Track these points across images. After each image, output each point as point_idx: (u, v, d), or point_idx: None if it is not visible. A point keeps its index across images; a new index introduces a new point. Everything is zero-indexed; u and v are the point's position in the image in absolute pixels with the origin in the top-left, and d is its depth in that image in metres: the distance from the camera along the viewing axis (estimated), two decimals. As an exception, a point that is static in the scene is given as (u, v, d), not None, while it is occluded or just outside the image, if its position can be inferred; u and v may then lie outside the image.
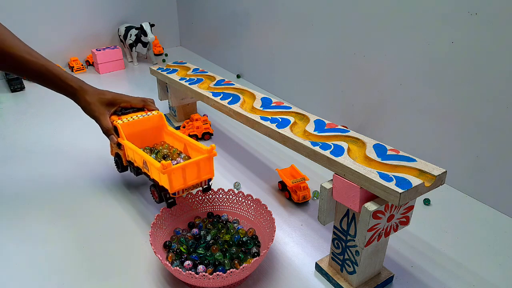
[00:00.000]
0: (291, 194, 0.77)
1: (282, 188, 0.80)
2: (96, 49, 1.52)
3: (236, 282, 0.56)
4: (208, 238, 0.64)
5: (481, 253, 0.65)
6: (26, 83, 1.41)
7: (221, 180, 0.85)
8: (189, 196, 0.69)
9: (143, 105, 0.81)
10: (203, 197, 0.70)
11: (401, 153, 0.53)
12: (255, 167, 0.90)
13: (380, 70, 0.89)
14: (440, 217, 0.73)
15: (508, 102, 0.68)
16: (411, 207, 0.51)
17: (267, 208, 0.65)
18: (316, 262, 0.62)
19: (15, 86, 1.34)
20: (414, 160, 0.50)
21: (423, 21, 0.77)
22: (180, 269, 0.52)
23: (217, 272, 0.53)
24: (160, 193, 0.67)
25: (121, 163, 0.79)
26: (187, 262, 0.58)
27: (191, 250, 0.61)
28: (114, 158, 0.82)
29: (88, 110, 0.75)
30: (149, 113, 0.80)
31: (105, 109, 0.76)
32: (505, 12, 0.64)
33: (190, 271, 0.53)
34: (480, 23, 0.68)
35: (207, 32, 1.62)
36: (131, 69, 1.58)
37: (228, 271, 0.52)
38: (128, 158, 0.76)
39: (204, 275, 0.52)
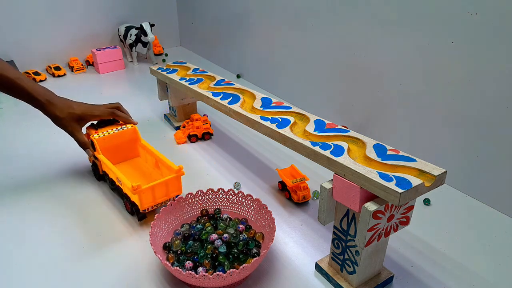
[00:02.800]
0: (291, 194, 0.77)
1: (282, 188, 0.80)
2: (96, 49, 1.52)
3: (236, 282, 0.56)
4: (206, 236, 0.64)
5: (481, 253, 0.65)
6: (26, 83, 1.41)
7: (221, 180, 0.85)
8: (189, 196, 0.69)
9: (113, 117, 0.82)
10: (203, 197, 0.70)
11: (401, 153, 0.53)
12: (255, 167, 0.89)
13: (380, 70, 0.89)
14: (440, 217, 0.73)
15: (508, 103, 0.68)
16: (411, 207, 0.51)
17: (267, 208, 0.65)
18: (316, 262, 0.62)
19: (15, 86, 1.34)
20: (414, 160, 0.50)
21: (423, 21, 0.77)
22: (180, 269, 0.52)
23: (217, 272, 0.53)
24: (131, 207, 0.72)
25: (98, 172, 0.83)
26: (187, 262, 0.58)
27: (189, 251, 0.61)
28: (92, 165, 0.85)
29: (59, 124, 0.77)
30: (124, 126, 0.83)
31: (77, 124, 0.77)
32: (505, 12, 0.64)
33: (190, 271, 0.53)
34: (480, 23, 0.68)
35: (207, 32, 1.62)
36: (131, 69, 1.58)
37: (228, 271, 0.52)
38: (103, 169, 0.81)
39: (204, 275, 0.52)
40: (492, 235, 0.69)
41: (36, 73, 1.45)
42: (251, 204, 0.69)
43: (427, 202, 0.76)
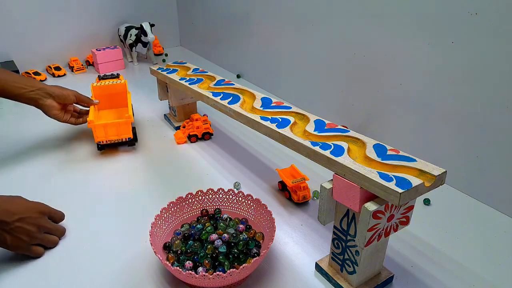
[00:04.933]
0: (291, 194, 0.77)
1: (282, 188, 0.80)
2: (96, 49, 1.52)
3: (236, 282, 0.56)
4: (206, 236, 0.64)
5: (481, 253, 0.65)
6: (26, 83, 1.41)
7: (221, 180, 0.85)
8: (189, 196, 0.69)
9: (76, 100, 0.96)
10: (203, 197, 0.70)
11: (401, 153, 0.53)
12: (255, 167, 0.90)
13: (380, 70, 0.89)
14: (440, 217, 0.73)
15: (508, 102, 0.68)
16: (411, 207, 0.51)
17: (267, 208, 0.65)
18: (316, 262, 0.62)
19: (15, 86, 1.34)
20: (414, 160, 0.50)
21: (423, 21, 0.77)
22: (180, 269, 0.52)
23: (217, 272, 0.53)
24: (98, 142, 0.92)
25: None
26: (187, 262, 0.58)
27: (189, 250, 0.61)
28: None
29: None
30: (118, 81, 1.06)
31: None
32: (505, 12, 0.64)
33: (190, 271, 0.53)
34: (480, 23, 0.68)
35: (207, 32, 1.62)
36: (131, 69, 1.58)
37: (228, 271, 0.52)
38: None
39: (204, 275, 0.52)
40: (492, 235, 0.69)
41: (36, 73, 1.45)
42: (251, 204, 0.69)
43: (427, 202, 0.76)
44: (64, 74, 1.50)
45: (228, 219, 0.68)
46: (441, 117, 0.79)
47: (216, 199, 0.71)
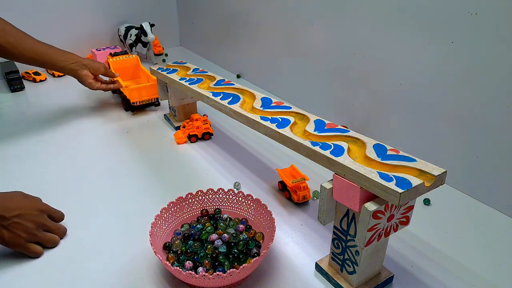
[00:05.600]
0: (291, 194, 0.77)
1: (282, 188, 0.80)
2: (96, 49, 1.52)
3: (236, 282, 0.57)
4: (206, 236, 0.64)
5: (481, 253, 0.65)
6: (26, 83, 1.41)
7: (221, 180, 0.85)
8: (189, 196, 0.69)
9: (105, 72, 1.13)
10: (203, 197, 0.70)
11: (401, 153, 0.53)
12: (255, 167, 0.90)
13: (380, 70, 0.89)
14: (440, 217, 0.73)
15: (508, 102, 0.68)
16: (411, 207, 0.51)
17: (267, 208, 0.65)
18: (316, 262, 0.62)
19: (15, 86, 1.34)
20: (414, 160, 0.50)
21: (423, 21, 0.77)
22: (180, 269, 0.52)
23: (217, 272, 0.53)
24: (126, 103, 1.15)
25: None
26: (187, 262, 0.58)
27: (189, 250, 0.61)
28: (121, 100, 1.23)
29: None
30: (129, 55, 1.27)
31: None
32: (505, 12, 0.64)
33: (190, 271, 0.53)
34: (480, 23, 0.68)
35: (207, 32, 1.62)
36: (131, 69, 1.58)
37: (228, 271, 0.52)
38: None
39: (204, 275, 0.52)
40: (492, 235, 0.69)
41: (36, 73, 1.45)
42: (251, 204, 0.69)
43: (427, 202, 0.76)
44: (64, 74, 1.50)
45: (228, 219, 0.68)
46: (441, 117, 0.79)
47: (216, 199, 0.71)
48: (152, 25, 1.50)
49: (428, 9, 0.75)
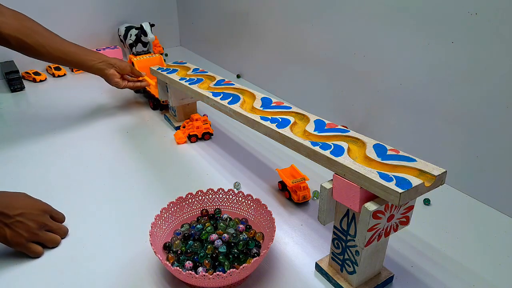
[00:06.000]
0: (291, 194, 0.77)
1: (282, 188, 0.80)
2: (96, 49, 1.52)
3: (236, 282, 0.57)
4: (206, 236, 0.64)
5: (481, 253, 0.65)
6: (26, 83, 1.41)
7: (221, 180, 0.85)
8: (189, 196, 0.69)
9: (131, 71, 1.13)
10: (203, 197, 0.71)
11: (401, 153, 0.53)
12: (255, 167, 0.90)
13: (380, 70, 0.89)
14: (440, 217, 0.73)
15: (508, 102, 0.68)
16: (411, 207, 0.51)
17: (267, 208, 0.65)
18: (316, 262, 0.62)
19: (15, 86, 1.34)
20: (414, 160, 0.50)
21: (423, 21, 0.77)
22: (180, 269, 0.52)
23: (217, 272, 0.53)
24: (154, 102, 1.16)
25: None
26: (187, 262, 0.58)
27: (189, 250, 0.62)
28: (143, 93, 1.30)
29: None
30: (154, 55, 1.27)
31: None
32: (505, 12, 0.64)
33: (190, 271, 0.53)
34: (480, 23, 0.68)
35: (207, 32, 1.62)
36: (131, 69, 1.57)
37: (228, 271, 0.52)
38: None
39: (204, 275, 0.52)
40: (492, 235, 0.69)
41: (36, 73, 1.45)
42: (251, 204, 0.69)
43: (427, 202, 0.76)
44: (64, 74, 1.50)
45: (228, 219, 0.68)
46: (441, 117, 0.79)
47: (216, 199, 0.71)
48: (152, 25, 1.50)
49: (428, 9, 0.75)
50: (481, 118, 0.72)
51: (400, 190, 0.44)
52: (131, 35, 1.53)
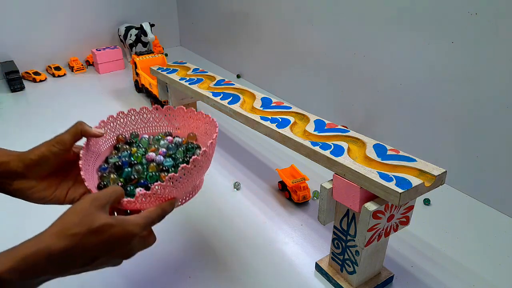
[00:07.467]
0: (291, 194, 0.77)
1: (282, 188, 0.80)
2: (96, 49, 1.52)
3: (199, 184, 0.52)
4: (141, 159, 0.55)
5: (481, 253, 0.65)
6: (26, 83, 1.41)
7: (221, 180, 0.85)
8: (102, 124, 0.59)
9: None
10: (115, 124, 0.60)
11: (401, 153, 0.53)
12: (255, 167, 0.89)
13: (380, 70, 0.89)
14: (440, 217, 0.73)
15: (508, 102, 0.68)
16: (411, 207, 0.51)
17: (184, 109, 0.59)
18: (316, 262, 0.62)
19: (15, 86, 1.34)
20: (414, 160, 0.50)
21: (423, 21, 0.77)
22: (143, 194, 0.44)
23: (170, 174, 0.44)
24: (155, 102, 1.15)
25: (138, 85, 1.28)
26: (139, 190, 0.49)
27: (133, 177, 0.52)
28: (134, 82, 1.31)
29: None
30: (156, 55, 1.27)
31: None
32: (505, 12, 0.64)
33: (140, 190, 0.46)
34: (480, 23, 0.68)
35: (207, 32, 1.62)
36: (131, 69, 1.57)
37: (185, 167, 0.44)
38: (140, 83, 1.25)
39: (175, 180, 0.44)
40: (492, 235, 0.69)
41: (36, 73, 1.45)
42: (168, 115, 0.61)
43: (427, 202, 0.76)
44: (64, 74, 1.50)
45: (152, 137, 0.59)
46: (441, 117, 0.79)
47: (128, 123, 0.61)
48: (152, 25, 1.50)
49: (428, 9, 0.75)
50: (481, 118, 0.72)
51: (400, 190, 0.44)
52: (131, 35, 1.53)
